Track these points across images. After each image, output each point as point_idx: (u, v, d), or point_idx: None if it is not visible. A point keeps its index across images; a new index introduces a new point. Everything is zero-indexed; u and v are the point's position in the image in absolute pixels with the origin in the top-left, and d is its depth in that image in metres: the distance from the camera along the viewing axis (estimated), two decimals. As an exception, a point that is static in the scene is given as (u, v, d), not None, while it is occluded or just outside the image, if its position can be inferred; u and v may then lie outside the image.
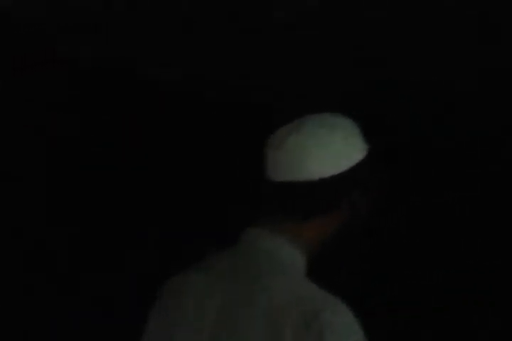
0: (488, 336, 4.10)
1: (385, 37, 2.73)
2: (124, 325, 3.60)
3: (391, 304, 4.17)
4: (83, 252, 3.46)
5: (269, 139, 1.60)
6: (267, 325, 1.44)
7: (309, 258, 1.58)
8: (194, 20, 2.70)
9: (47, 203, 3.34)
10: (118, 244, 3.61)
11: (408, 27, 2.60)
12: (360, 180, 1.55)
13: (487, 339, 4.09)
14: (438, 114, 3.77)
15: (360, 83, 3.40)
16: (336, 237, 1.57)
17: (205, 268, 1.59)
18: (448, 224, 4.20)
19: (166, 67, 3.38)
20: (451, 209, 4.21)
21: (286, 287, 1.47)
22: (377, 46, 2.85)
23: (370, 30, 2.66)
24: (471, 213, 4.20)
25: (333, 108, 3.93)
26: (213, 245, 3.89)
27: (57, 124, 3.33)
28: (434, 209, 4.22)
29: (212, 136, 3.89)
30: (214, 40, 2.91)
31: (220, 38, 2.88)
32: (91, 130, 3.45)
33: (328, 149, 1.53)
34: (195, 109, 3.85)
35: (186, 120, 3.81)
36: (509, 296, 4.10)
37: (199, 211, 3.87)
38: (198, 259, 3.97)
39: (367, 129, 4.22)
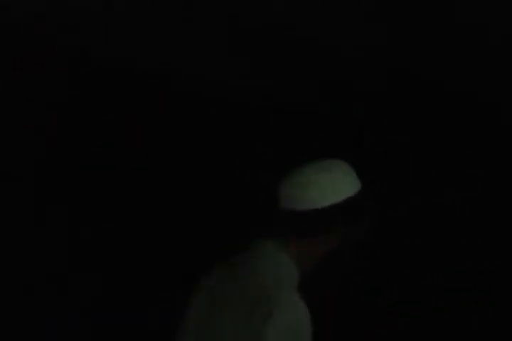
0: (488, 336, 4.10)
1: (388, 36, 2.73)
2: (124, 326, 3.61)
3: (391, 304, 4.17)
4: (83, 252, 3.47)
5: (284, 179, 2.10)
6: (243, 315, 1.95)
7: (306, 269, 2.06)
8: (194, 20, 2.71)
9: (46, 203, 3.35)
10: (118, 243, 3.61)
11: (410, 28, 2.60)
12: (351, 208, 2.03)
13: (487, 339, 4.10)
14: (438, 113, 3.78)
15: (360, 83, 3.40)
16: (334, 251, 2.05)
17: (221, 270, 2.12)
18: (448, 224, 4.21)
19: (165, 65, 3.39)
20: (451, 209, 4.21)
21: (269, 289, 1.98)
22: (382, 46, 2.85)
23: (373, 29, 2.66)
24: (471, 213, 4.21)
25: (333, 108, 3.93)
26: (211, 244, 3.90)
27: (58, 124, 3.34)
28: (434, 209, 4.22)
29: (211, 136, 3.90)
30: (214, 39, 2.91)
31: (219, 37, 2.88)
32: (90, 129, 3.45)
33: (326, 187, 2.03)
34: (194, 108, 3.85)
35: (186, 119, 3.81)
36: (509, 296, 4.11)
37: (197, 210, 3.87)
38: (196, 259, 3.97)
39: (368, 129, 4.22)
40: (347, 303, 4.19)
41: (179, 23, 2.76)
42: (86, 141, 3.42)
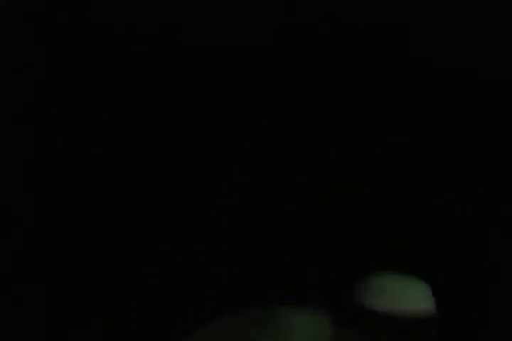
0: (487, 336, 4.11)
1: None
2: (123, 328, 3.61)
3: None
4: (81, 253, 3.47)
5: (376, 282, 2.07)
6: None
7: None
8: None
9: (46, 202, 3.35)
10: (117, 244, 3.61)
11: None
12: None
13: (487, 339, 4.10)
14: (438, 113, 3.78)
15: (358, 83, 3.40)
16: None
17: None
18: (448, 224, 4.21)
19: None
20: (451, 209, 4.22)
21: None
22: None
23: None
24: (470, 213, 4.21)
25: (331, 98, 3.93)
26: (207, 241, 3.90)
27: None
28: (434, 209, 4.23)
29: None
30: None
31: None
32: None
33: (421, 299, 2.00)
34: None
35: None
36: (509, 296, 4.11)
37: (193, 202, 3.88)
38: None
39: (368, 129, 4.23)
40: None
41: None
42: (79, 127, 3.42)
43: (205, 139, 3.96)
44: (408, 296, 1.92)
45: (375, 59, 3.34)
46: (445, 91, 3.55)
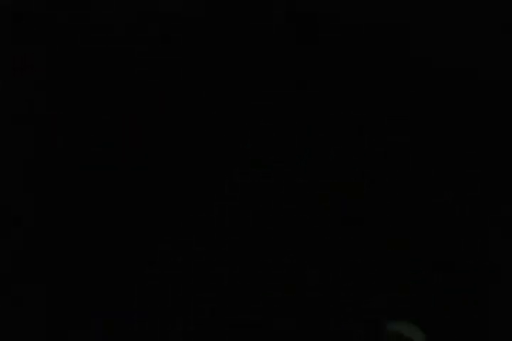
0: (488, 336, 4.10)
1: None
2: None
3: (391, 303, 4.17)
4: (80, 253, 3.47)
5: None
6: None
7: None
8: None
9: (46, 202, 3.35)
10: (117, 244, 3.61)
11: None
12: None
13: (487, 338, 4.09)
14: (438, 112, 3.77)
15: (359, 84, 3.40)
16: None
17: None
18: (448, 224, 4.20)
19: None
20: (451, 209, 4.21)
21: None
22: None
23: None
24: (470, 213, 4.21)
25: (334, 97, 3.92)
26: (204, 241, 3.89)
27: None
28: (434, 209, 4.22)
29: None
30: None
31: None
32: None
33: None
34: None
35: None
36: (509, 296, 4.11)
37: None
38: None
39: (368, 129, 4.22)
40: (347, 303, 4.18)
41: None
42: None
43: (205, 139, 3.95)
44: None
45: (375, 59, 3.34)
46: (445, 91, 3.55)
